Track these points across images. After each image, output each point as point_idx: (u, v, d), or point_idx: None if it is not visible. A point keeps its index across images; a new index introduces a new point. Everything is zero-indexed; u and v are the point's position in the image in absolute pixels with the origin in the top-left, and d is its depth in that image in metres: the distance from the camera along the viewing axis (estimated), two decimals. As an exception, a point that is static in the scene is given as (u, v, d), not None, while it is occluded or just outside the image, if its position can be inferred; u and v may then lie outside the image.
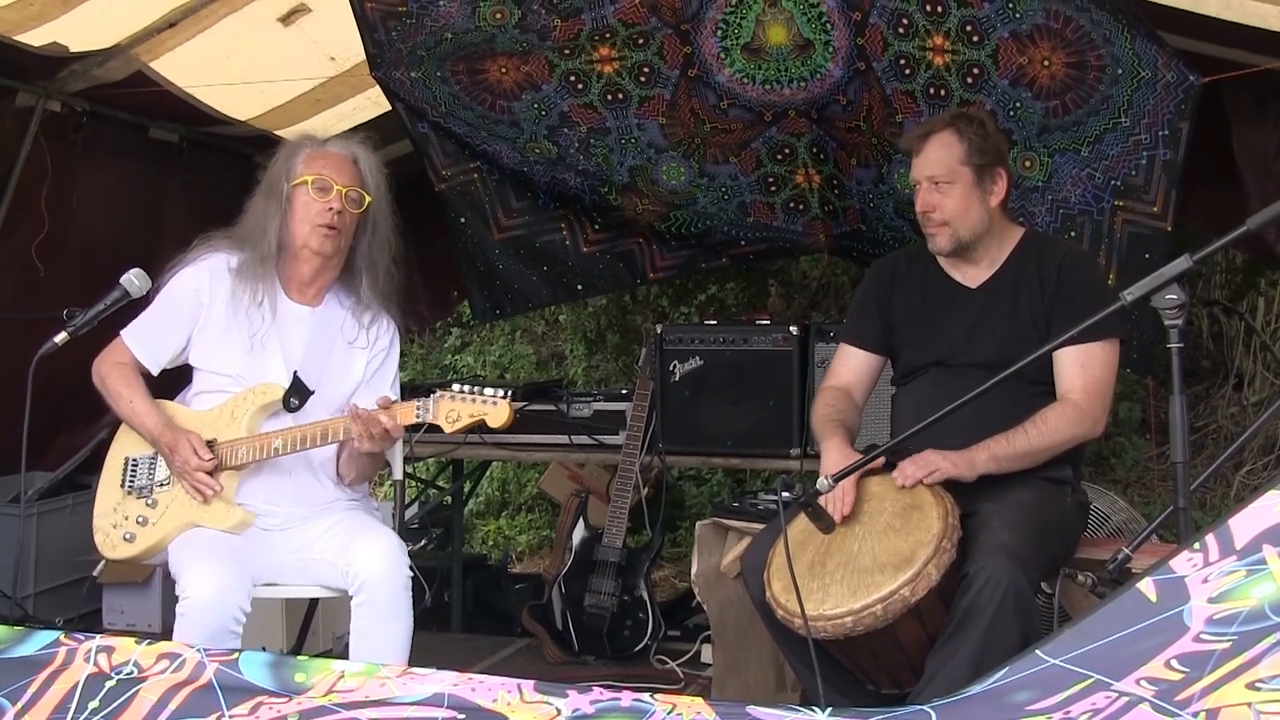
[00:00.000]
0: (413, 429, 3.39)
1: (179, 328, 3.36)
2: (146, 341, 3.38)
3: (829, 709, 1.64)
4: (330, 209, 3.30)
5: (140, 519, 3.31)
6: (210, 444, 3.25)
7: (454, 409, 3.12)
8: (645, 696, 1.72)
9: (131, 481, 3.36)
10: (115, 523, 3.35)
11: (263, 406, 3.29)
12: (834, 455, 3.19)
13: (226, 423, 3.30)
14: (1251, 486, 6.02)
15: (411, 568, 3.21)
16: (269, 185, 3.41)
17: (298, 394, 3.30)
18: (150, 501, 3.31)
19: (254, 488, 3.31)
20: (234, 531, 3.23)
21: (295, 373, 3.31)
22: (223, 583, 3.02)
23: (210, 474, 3.22)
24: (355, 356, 3.43)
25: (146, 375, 3.40)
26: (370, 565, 3.13)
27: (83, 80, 4.38)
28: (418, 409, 3.14)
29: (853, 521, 3.05)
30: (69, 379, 4.46)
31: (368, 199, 3.37)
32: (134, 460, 3.37)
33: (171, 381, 3.46)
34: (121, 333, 3.39)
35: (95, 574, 4.47)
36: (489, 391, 3.13)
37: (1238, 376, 6.48)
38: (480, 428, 3.16)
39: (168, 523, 3.27)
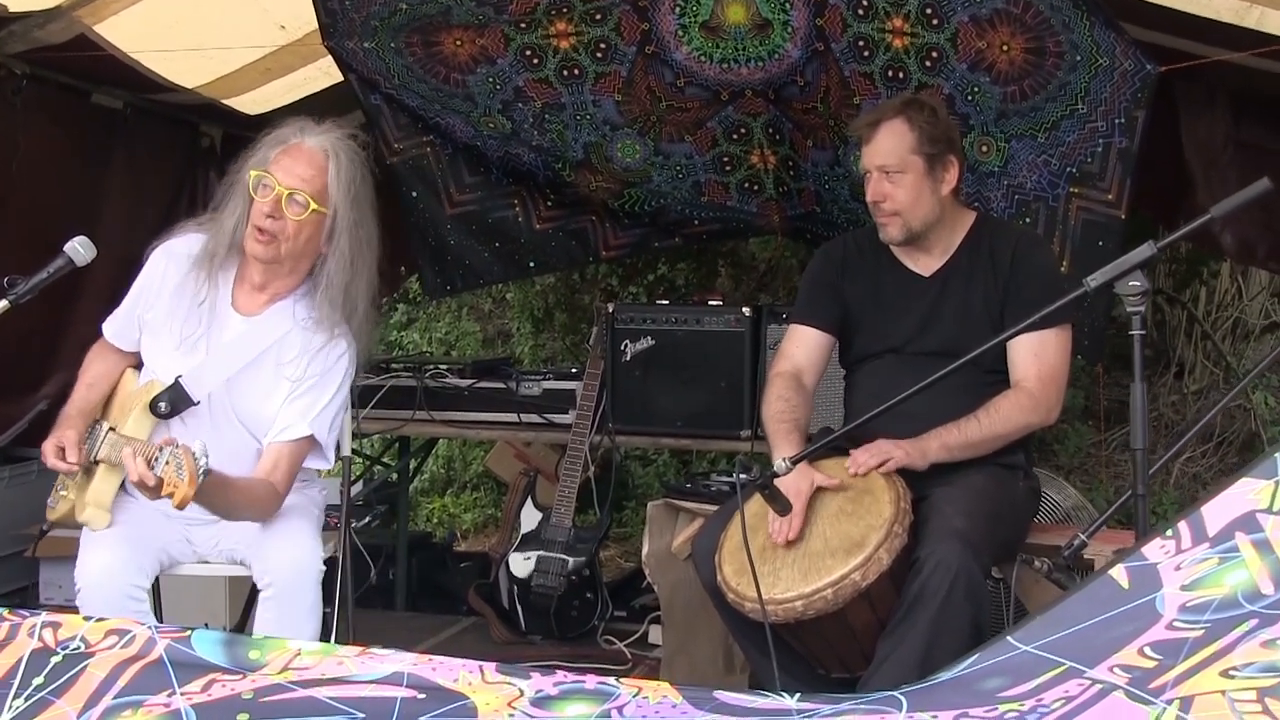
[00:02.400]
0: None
1: (138, 312, 3.25)
2: (116, 322, 3.30)
3: (797, 695, 1.62)
4: (262, 211, 3.03)
5: (62, 487, 3.22)
6: (111, 430, 3.09)
7: (169, 479, 2.68)
8: (610, 680, 1.70)
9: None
10: (61, 481, 3.23)
11: (145, 405, 3.10)
12: (787, 452, 3.18)
13: (122, 414, 3.16)
14: (1190, 474, 6.10)
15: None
16: (239, 171, 3.15)
17: (171, 400, 3.08)
18: (76, 476, 3.17)
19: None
20: (87, 524, 3.06)
21: (178, 378, 3.10)
22: (109, 561, 2.93)
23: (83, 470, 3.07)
24: (280, 383, 3.15)
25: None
26: (280, 566, 3.01)
27: (23, 42, 4.26)
28: (154, 460, 2.74)
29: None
30: (7, 348, 4.39)
31: (312, 206, 3.05)
32: (93, 427, 3.23)
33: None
34: (103, 326, 3.32)
35: (28, 552, 4.43)
36: (186, 470, 2.65)
37: (1179, 365, 6.55)
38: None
39: (69, 500, 3.17)
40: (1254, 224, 4.16)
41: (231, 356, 3.14)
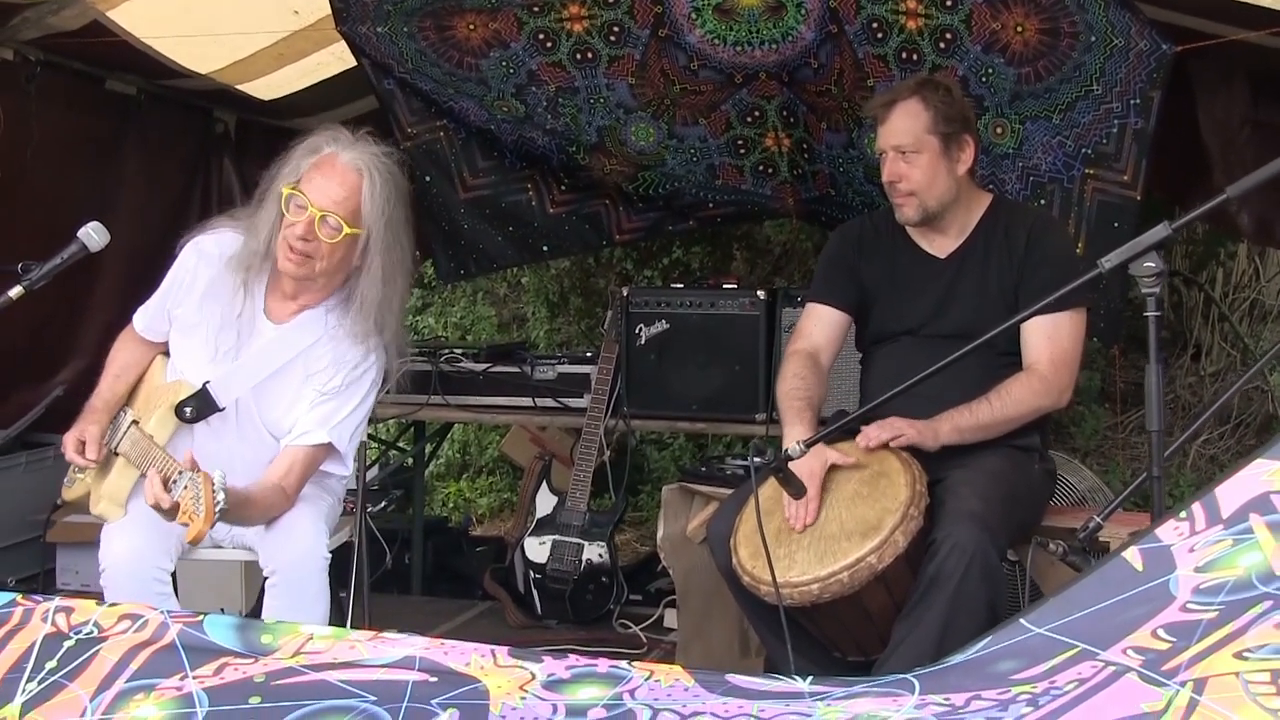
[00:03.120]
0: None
1: (168, 308, 3.25)
2: (147, 315, 3.30)
3: (809, 678, 1.62)
4: (296, 233, 3.02)
5: (79, 469, 3.24)
6: (135, 423, 3.12)
7: (185, 507, 2.68)
8: (622, 663, 1.70)
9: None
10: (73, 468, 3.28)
11: (171, 405, 3.11)
12: (800, 431, 3.17)
13: (147, 407, 3.18)
14: (1207, 456, 6.07)
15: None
16: (272, 179, 3.12)
17: (197, 407, 3.09)
18: None
19: None
20: (101, 517, 3.10)
21: (206, 384, 3.11)
22: (134, 544, 2.95)
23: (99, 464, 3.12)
24: (306, 391, 3.15)
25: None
26: (284, 554, 3.02)
27: (36, 28, 4.27)
28: (172, 483, 2.74)
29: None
30: (23, 335, 4.42)
31: (345, 230, 3.02)
32: (117, 416, 3.26)
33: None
34: (134, 317, 3.33)
35: (43, 536, 4.47)
36: (204, 503, 2.65)
37: (1196, 347, 6.52)
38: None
39: (85, 484, 3.21)
40: (1272, 204, 4.14)
41: (260, 363, 3.14)
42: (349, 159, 3.05)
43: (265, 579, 3.05)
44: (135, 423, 3.12)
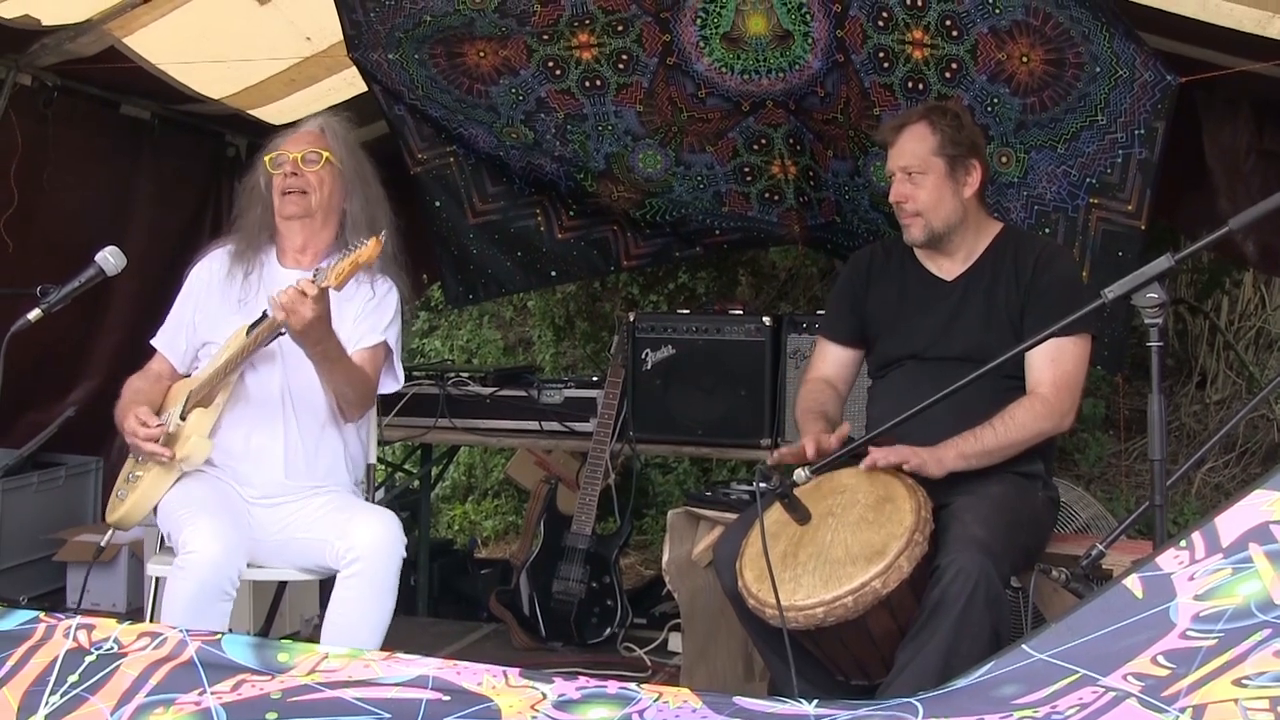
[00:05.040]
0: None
1: (189, 316, 3.48)
2: (168, 339, 3.51)
3: (815, 701, 1.64)
4: (285, 173, 3.41)
5: (131, 476, 3.37)
6: (190, 395, 3.31)
7: (339, 267, 3.02)
8: (631, 685, 1.72)
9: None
10: (119, 486, 3.42)
11: (240, 338, 3.31)
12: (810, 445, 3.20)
13: (189, 389, 3.36)
14: (1212, 484, 6.08)
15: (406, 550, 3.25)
16: (252, 174, 3.54)
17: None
18: (140, 457, 3.35)
19: (237, 448, 3.33)
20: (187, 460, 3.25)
21: (265, 311, 3.29)
22: (227, 543, 3.05)
23: (162, 441, 3.25)
24: (344, 310, 3.38)
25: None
26: (369, 539, 3.14)
27: (54, 54, 4.33)
28: (315, 275, 3.06)
29: (825, 513, 3.06)
30: (36, 355, 4.45)
31: (325, 156, 3.44)
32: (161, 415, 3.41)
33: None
34: (152, 341, 3.54)
35: (54, 555, 4.49)
36: (367, 240, 3.03)
37: (1201, 375, 6.54)
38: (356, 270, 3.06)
39: (149, 475, 3.30)
40: (1277, 233, 4.16)
41: None
42: (306, 125, 3.56)
43: (339, 570, 3.14)
44: (189, 396, 3.32)
